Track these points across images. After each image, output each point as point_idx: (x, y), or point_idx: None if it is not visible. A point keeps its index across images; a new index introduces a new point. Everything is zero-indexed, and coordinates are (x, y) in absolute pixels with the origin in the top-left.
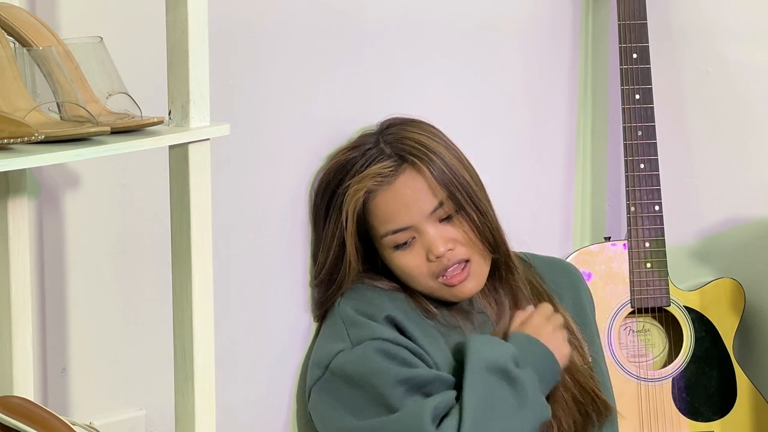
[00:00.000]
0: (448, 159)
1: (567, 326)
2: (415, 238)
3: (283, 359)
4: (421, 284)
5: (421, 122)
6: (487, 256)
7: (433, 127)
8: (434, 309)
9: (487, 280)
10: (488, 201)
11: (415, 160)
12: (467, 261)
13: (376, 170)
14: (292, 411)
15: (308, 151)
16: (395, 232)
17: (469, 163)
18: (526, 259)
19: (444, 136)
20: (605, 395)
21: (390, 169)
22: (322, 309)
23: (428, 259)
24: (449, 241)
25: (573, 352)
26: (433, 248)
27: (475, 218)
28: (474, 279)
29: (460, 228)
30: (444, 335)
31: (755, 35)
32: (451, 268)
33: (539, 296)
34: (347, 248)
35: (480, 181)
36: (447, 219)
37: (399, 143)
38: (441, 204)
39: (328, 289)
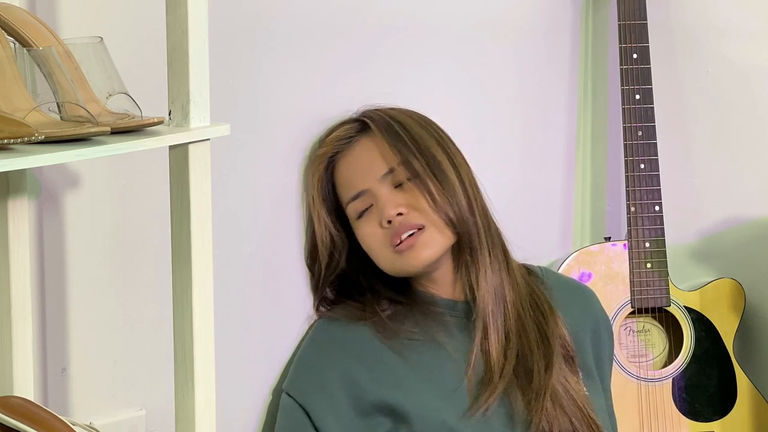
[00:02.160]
0: (413, 129)
1: (560, 336)
2: (372, 205)
3: (284, 359)
4: (381, 255)
5: (410, 110)
6: (445, 230)
7: (424, 117)
8: (399, 327)
9: (460, 271)
10: (462, 179)
11: (371, 124)
12: (421, 227)
13: (337, 134)
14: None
15: (308, 151)
16: (354, 198)
17: (451, 144)
18: (538, 272)
19: (432, 124)
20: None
21: (349, 131)
22: (315, 295)
23: (381, 225)
24: (401, 205)
25: (564, 365)
26: (384, 212)
27: (432, 188)
28: (427, 248)
29: (414, 196)
30: (409, 357)
31: (755, 35)
32: (405, 234)
33: (537, 302)
34: (313, 217)
35: (457, 158)
36: (402, 186)
37: (371, 113)
38: (392, 170)
39: (312, 269)
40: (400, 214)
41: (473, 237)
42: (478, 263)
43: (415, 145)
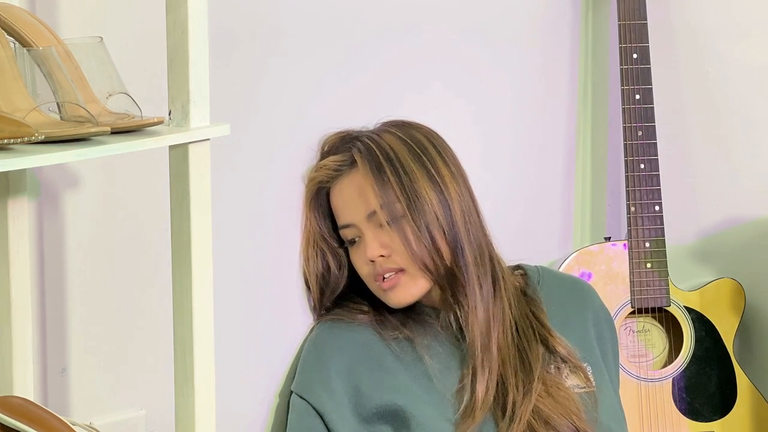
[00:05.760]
0: (404, 163)
1: (561, 347)
2: (361, 237)
3: (284, 359)
4: (369, 285)
5: (418, 127)
6: (423, 276)
7: (429, 135)
8: (396, 332)
9: (447, 302)
10: (451, 214)
11: (359, 160)
12: (402, 270)
13: (327, 164)
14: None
15: (308, 150)
16: (343, 227)
17: (446, 170)
18: (534, 273)
19: (431, 145)
20: (587, 422)
21: (338, 164)
22: (314, 314)
23: (366, 261)
24: (384, 247)
25: (570, 376)
26: (367, 251)
27: (410, 234)
28: (406, 290)
29: (397, 237)
30: (408, 361)
31: (755, 35)
32: (386, 274)
33: (524, 326)
34: (309, 252)
35: (450, 190)
36: (387, 224)
37: (366, 140)
38: (374, 212)
39: (310, 298)
40: (382, 255)
41: (455, 280)
42: (466, 301)
43: (399, 186)
